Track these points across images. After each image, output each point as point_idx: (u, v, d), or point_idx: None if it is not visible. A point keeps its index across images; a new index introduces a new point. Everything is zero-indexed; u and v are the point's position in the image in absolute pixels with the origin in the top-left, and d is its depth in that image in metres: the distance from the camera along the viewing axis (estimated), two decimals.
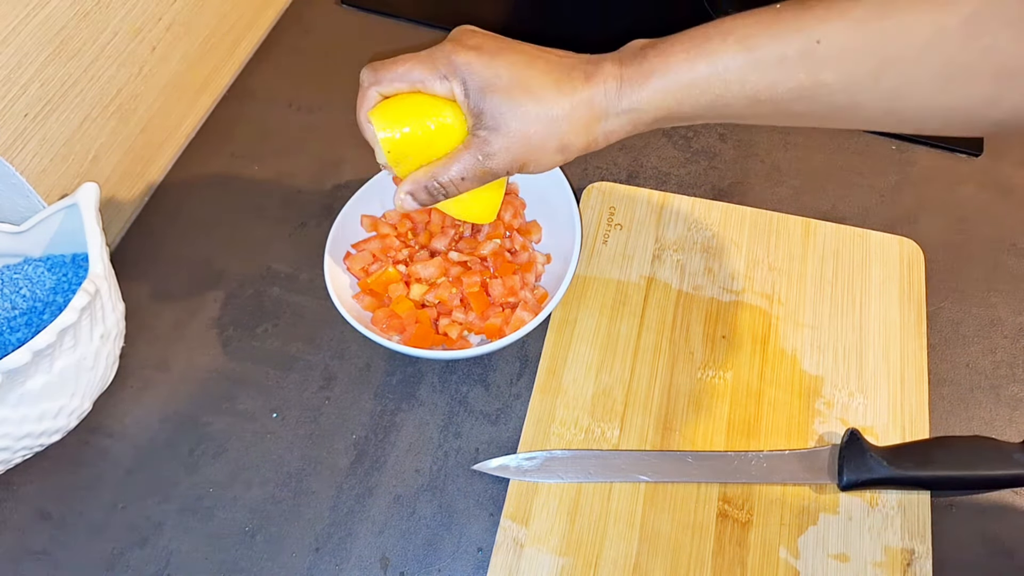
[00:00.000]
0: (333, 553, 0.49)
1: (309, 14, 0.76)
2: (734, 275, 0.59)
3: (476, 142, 0.44)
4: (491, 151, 0.44)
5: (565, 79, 0.43)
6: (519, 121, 0.43)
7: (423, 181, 0.46)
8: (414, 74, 0.45)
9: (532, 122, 0.43)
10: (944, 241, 0.61)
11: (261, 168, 0.66)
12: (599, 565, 0.48)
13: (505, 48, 0.44)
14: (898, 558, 0.48)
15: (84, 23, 0.53)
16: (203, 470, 0.52)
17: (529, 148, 0.43)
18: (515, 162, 0.44)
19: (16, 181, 0.51)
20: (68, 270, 0.53)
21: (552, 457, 0.51)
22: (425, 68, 0.44)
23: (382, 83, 0.46)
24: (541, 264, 0.57)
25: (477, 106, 0.43)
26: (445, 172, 0.45)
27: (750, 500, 0.50)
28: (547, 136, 0.43)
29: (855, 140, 0.67)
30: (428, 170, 0.46)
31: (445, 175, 0.45)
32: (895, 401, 0.53)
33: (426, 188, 0.46)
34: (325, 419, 0.54)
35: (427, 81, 0.44)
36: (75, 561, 0.49)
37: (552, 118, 0.43)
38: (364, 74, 0.46)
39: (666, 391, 0.54)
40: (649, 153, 0.66)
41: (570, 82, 0.43)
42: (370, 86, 0.46)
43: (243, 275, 0.60)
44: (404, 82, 0.45)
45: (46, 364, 0.45)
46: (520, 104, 0.42)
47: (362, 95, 0.47)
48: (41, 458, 0.51)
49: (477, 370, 0.56)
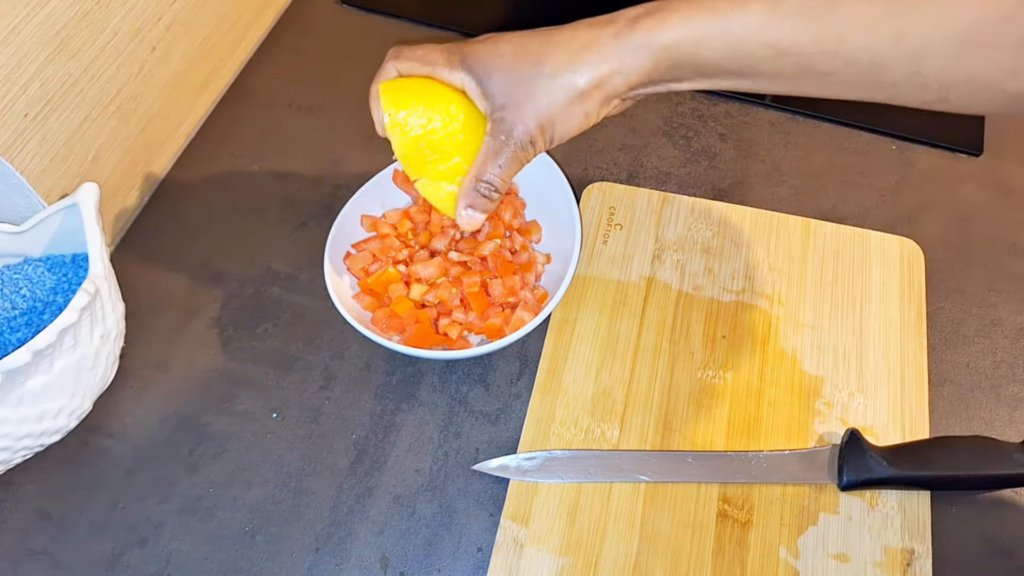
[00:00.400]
0: (333, 553, 0.49)
1: (309, 14, 0.76)
2: (734, 275, 0.59)
3: (494, 126, 0.45)
4: (509, 127, 0.44)
5: (561, 34, 0.43)
6: (523, 87, 0.43)
7: (471, 188, 0.47)
8: (429, 58, 0.46)
9: (534, 84, 0.42)
10: (944, 241, 0.61)
11: (261, 168, 0.66)
12: (599, 565, 0.48)
13: (512, 34, 0.44)
14: (898, 558, 0.48)
15: (84, 23, 0.53)
16: (203, 470, 0.52)
17: (542, 110, 0.43)
18: (536, 130, 0.44)
19: (16, 181, 0.51)
20: (68, 270, 0.53)
21: (552, 457, 0.51)
22: (439, 55, 0.46)
23: (400, 59, 0.47)
24: (541, 264, 0.57)
25: (484, 88, 0.44)
26: (485, 170, 0.46)
27: (750, 500, 0.50)
28: (554, 91, 0.43)
29: (855, 140, 0.67)
30: (470, 178, 0.46)
31: (486, 173, 0.46)
32: (895, 401, 0.53)
33: (478, 192, 0.46)
34: (325, 419, 0.54)
35: (437, 67, 0.46)
36: (75, 561, 0.49)
37: (552, 71, 0.42)
38: (390, 51, 0.48)
39: (666, 391, 0.54)
40: (649, 153, 0.66)
41: (568, 33, 0.42)
42: (389, 60, 0.48)
43: (243, 275, 0.60)
44: (420, 63, 0.46)
45: (46, 364, 0.45)
46: (520, 71, 0.43)
47: (381, 67, 0.48)
48: (41, 458, 0.51)
49: (477, 370, 0.56)
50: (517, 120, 0.44)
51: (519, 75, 0.43)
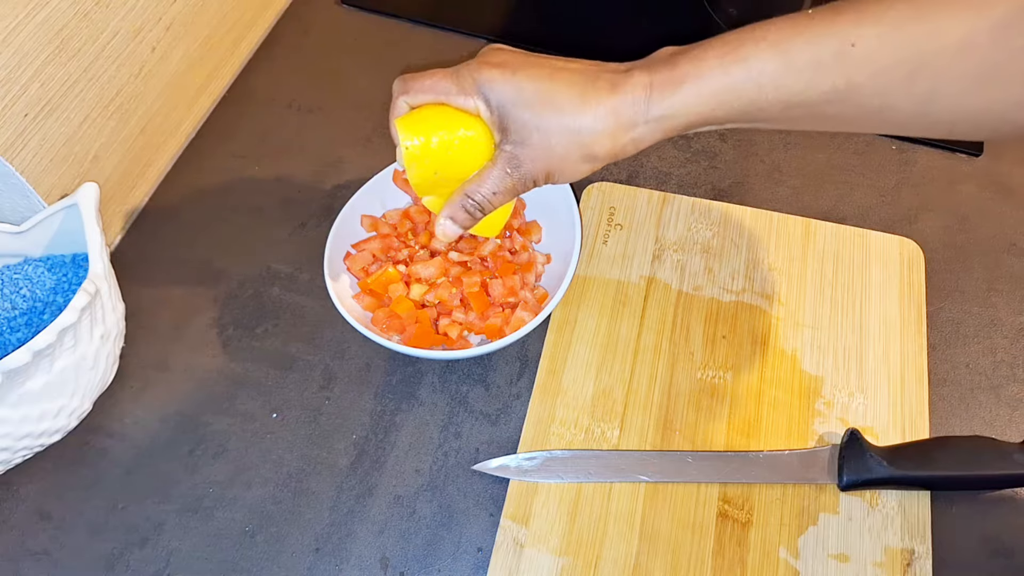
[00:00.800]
0: (333, 553, 0.49)
1: (309, 14, 0.76)
2: (734, 275, 0.59)
3: (503, 157, 0.45)
4: (517, 164, 0.45)
5: (590, 90, 0.43)
6: (542, 134, 0.43)
7: (458, 202, 0.47)
8: (440, 87, 0.46)
9: (555, 134, 0.43)
10: (944, 241, 0.61)
11: (261, 168, 0.66)
12: (599, 565, 0.48)
13: (528, 63, 0.44)
14: (898, 558, 0.48)
15: (84, 23, 0.53)
16: (203, 470, 0.52)
17: (554, 159, 0.44)
18: (541, 173, 0.45)
19: (16, 181, 0.51)
20: (68, 270, 0.53)
21: (552, 457, 0.51)
22: (450, 82, 0.45)
23: (410, 93, 0.47)
24: (541, 264, 0.57)
25: (502, 122, 0.44)
26: (477, 190, 0.46)
27: (750, 500, 0.50)
28: (571, 147, 0.43)
29: (855, 140, 0.67)
30: (461, 190, 0.47)
31: (478, 193, 0.46)
32: (895, 401, 0.53)
33: (463, 208, 0.47)
34: (325, 419, 0.54)
35: (451, 95, 0.45)
36: (75, 561, 0.49)
37: (575, 130, 0.43)
38: (395, 84, 0.48)
39: (666, 391, 0.54)
40: (649, 153, 0.66)
41: (595, 93, 0.43)
42: (399, 96, 0.47)
43: (243, 275, 0.60)
44: (431, 94, 0.46)
45: (46, 364, 0.45)
46: (542, 117, 0.43)
47: (393, 104, 0.48)
48: (41, 458, 0.51)
49: (477, 370, 0.56)
50: (526, 160, 0.44)
51: (539, 121, 0.43)
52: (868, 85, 0.39)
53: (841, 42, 0.38)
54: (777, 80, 0.40)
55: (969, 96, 0.38)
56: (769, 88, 0.40)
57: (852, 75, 0.39)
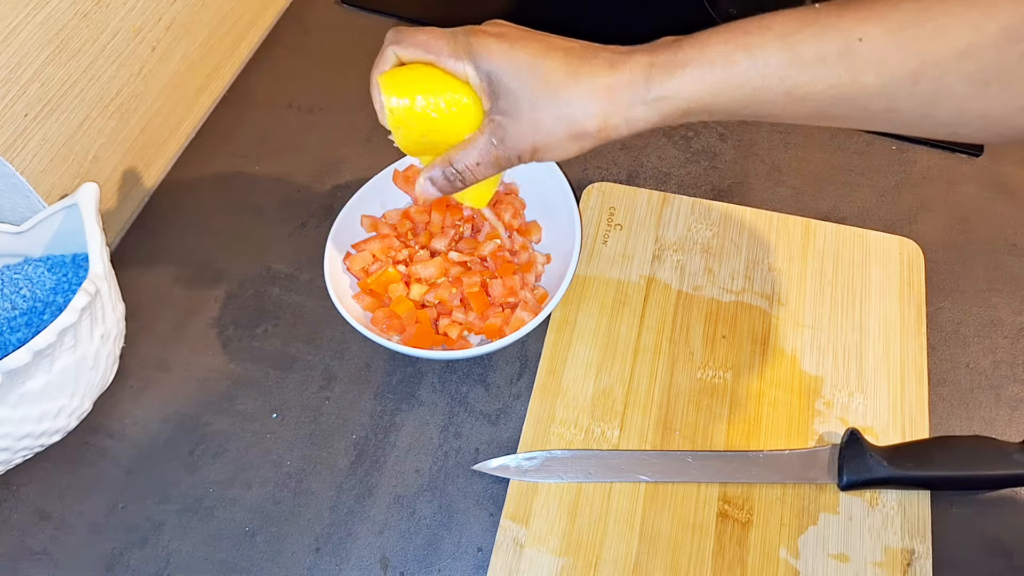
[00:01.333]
0: (333, 553, 0.49)
1: (309, 14, 0.76)
2: (734, 275, 0.59)
3: (491, 126, 0.44)
4: (504, 136, 0.44)
5: (584, 66, 0.42)
6: (530, 106, 0.43)
7: (440, 167, 0.46)
8: (432, 45, 0.45)
9: (542, 108, 0.42)
10: (944, 241, 0.61)
11: (261, 168, 0.66)
12: (599, 565, 0.48)
13: (527, 37, 0.44)
14: (898, 558, 0.48)
15: (84, 23, 0.53)
16: (203, 470, 0.52)
17: (540, 135, 0.43)
18: (527, 148, 0.44)
19: (16, 181, 0.51)
20: (68, 270, 0.53)
21: (552, 457, 0.51)
22: (444, 43, 0.44)
23: (402, 44, 0.45)
24: (541, 264, 0.57)
25: (492, 90, 0.43)
26: (461, 158, 0.45)
27: (750, 500, 0.50)
28: (558, 123, 0.43)
29: (855, 140, 0.67)
30: (445, 156, 0.46)
31: (461, 162, 0.45)
32: (895, 401, 0.53)
33: (444, 174, 0.46)
34: (325, 419, 0.54)
35: (442, 57, 0.44)
36: (75, 561, 0.49)
37: (563, 104, 0.42)
38: (389, 34, 0.46)
39: (666, 391, 0.54)
40: (649, 153, 0.66)
41: (589, 69, 0.42)
42: (389, 44, 0.46)
43: (243, 275, 0.60)
44: (422, 50, 0.45)
45: (46, 364, 0.45)
46: (532, 90, 0.42)
47: (381, 53, 0.47)
48: (41, 458, 0.51)
49: (477, 370, 0.56)
50: (514, 133, 0.44)
51: (530, 93, 0.42)
52: (872, 83, 0.39)
53: (847, 38, 0.38)
54: (782, 72, 0.39)
55: (973, 99, 0.38)
56: (773, 80, 0.40)
57: (857, 72, 0.38)
